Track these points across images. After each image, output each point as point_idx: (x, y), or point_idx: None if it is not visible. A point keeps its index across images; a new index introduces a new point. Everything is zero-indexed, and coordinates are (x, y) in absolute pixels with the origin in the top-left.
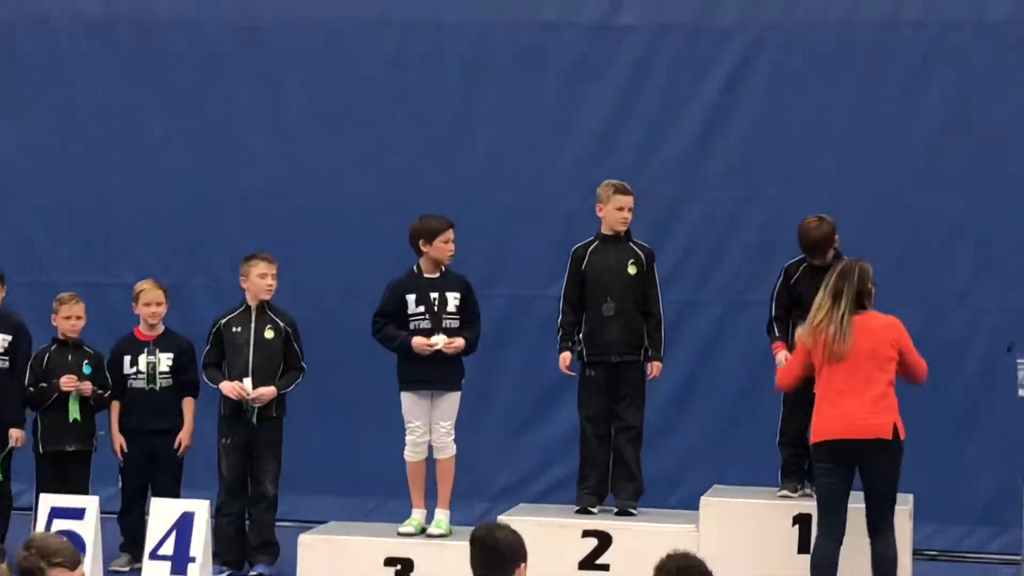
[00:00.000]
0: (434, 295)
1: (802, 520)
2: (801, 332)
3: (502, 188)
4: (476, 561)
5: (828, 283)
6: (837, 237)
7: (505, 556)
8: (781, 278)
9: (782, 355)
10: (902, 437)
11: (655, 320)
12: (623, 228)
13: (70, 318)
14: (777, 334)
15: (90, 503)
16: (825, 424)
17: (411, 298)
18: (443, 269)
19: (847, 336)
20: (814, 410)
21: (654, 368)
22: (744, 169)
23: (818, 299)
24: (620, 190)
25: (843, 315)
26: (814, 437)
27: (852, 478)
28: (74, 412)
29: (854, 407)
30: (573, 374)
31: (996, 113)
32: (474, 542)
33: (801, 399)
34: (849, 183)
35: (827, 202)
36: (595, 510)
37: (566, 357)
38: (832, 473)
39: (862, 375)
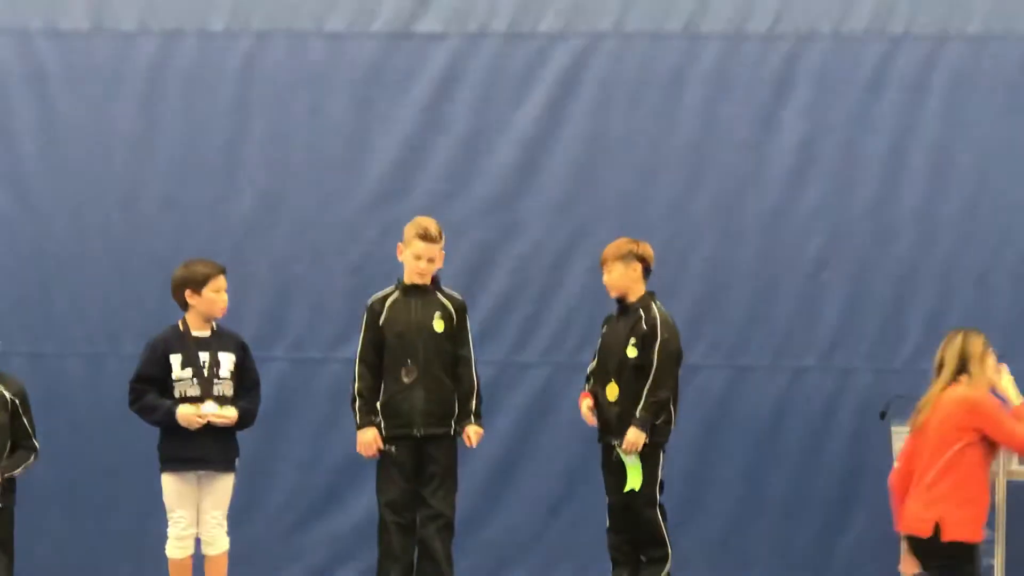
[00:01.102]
0: (204, 356)
1: None
2: None
3: (280, 228)
4: None
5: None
6: (638, 268)
7: None
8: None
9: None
10: (955, 538)
11: (467, 386)
12: (421, 281)
13: None
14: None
15: None
16: None
17: (176, 359)
18: (214, 326)
19: (925, 408)
20: None
21: (472, 435)
22: (572, 202)
23: None
24: (422, 236)
25: (936, 386)
26: None
27: None
28: None
29: (912, 494)
30: (373, 456)
31: (860, 136)
32: None
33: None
34: (691, 220)
35: (664, 246)
36: None
37: (369, 435)
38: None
39: (926, 456)
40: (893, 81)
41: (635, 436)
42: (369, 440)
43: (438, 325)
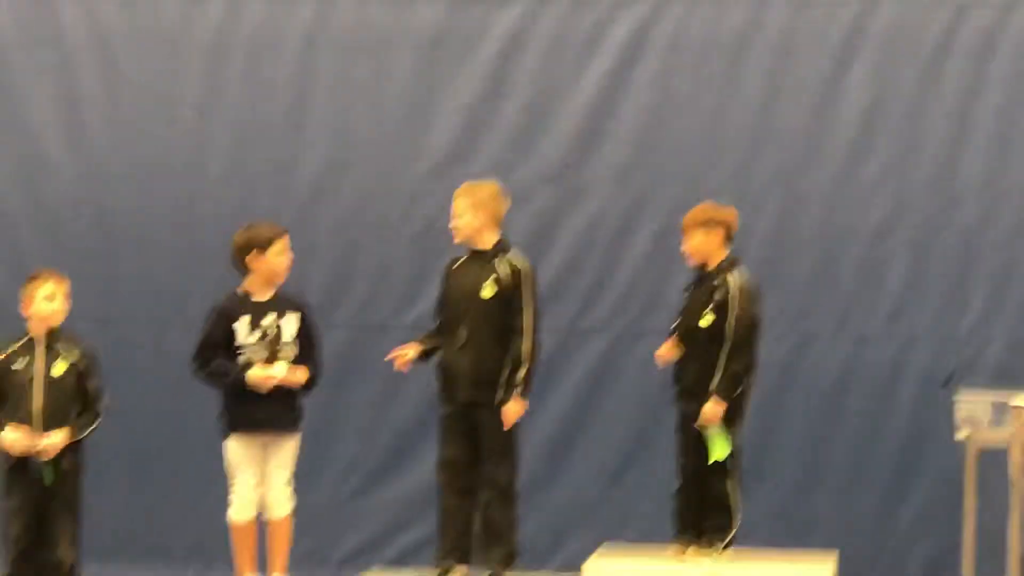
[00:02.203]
0: (268, 320)
1: None
2: None
3: (343, 195)
4: None
5: None
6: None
7: None
8: None
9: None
10: None
11: (514, 358)
12: (457, 240)
13: None
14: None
15: None
16: None
17: (241, 325)
18: (276, 290)
19: None
20: None
21: (507, 414)
22: (635, 168)
23: None
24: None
25: None
26: None
27: None
28: None
29: None
30: (395, 364)
31: (926, 104)
32: None
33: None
34: (755, 187)
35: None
36: (457, 572)
37: (410, 346)
38: None
39: None
40: (959, 47)
41: (713, 408)
42: (399, 350)
43: (487, 291)
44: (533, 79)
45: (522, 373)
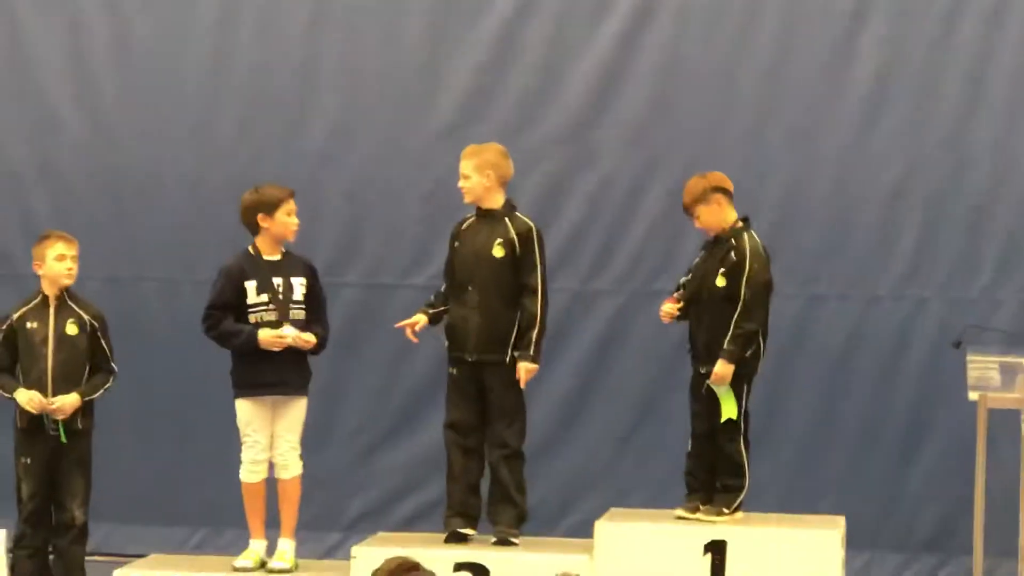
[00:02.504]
0: (278, 281)
1: (715, 548)
2: None
3: (353, 155)
4: None
5: None
6: (720, 200)
7: None
8: None
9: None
10: None
11: (527, 317)
12: (469, 202)
13: None
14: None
15: None
16: None
17: (251, 285)
18: (283, 250)
19: None
20: None
21: (522, 372)
22: (646, 131)
23: None
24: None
25: None
26: None
27: None
28: None
29: None
30: (408, 335)
31: (937, 67)
32: None
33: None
34: (766, 150)
35: (739, 176)
36: (468, 533)
37: (416, 318)
38: None
39: None
40: (971, 9)
41: (723, 368)
42: (409, 320)
43: (498, 251)
44: (543, 41)
45: (535, 333)
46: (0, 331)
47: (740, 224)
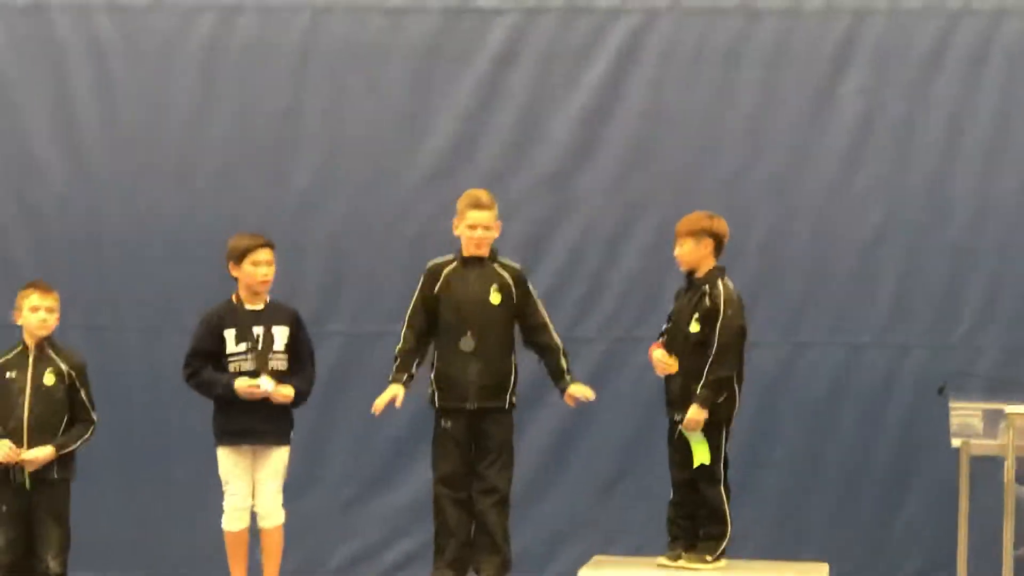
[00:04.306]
0: (257, 330)
1: None
2: None
3: (337, 202)
4: None
5: None
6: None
7: None
8: None
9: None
10: None
11: (552, 348)
12: (478, 252)
13: None
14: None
15: None
16: None
17: (230, 334)
18: (267, 299)
19: None
20: None
21: (579, 394)
22: (628, 178)
23: None
24: (474, 204)
25: None
26: None
27: None
28: None
29: None
30: (377, 413)
31: (918, 114)
32: None
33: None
34: (747, 196)
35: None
36: None
37: (387, 393)
38: None
39: None
40: (950, 58)
41: (696, 414)
42: (384, 399)
43: (495, 298)
44: (526, 89)
45: (567, 360)
46: None
47: (715, 271)
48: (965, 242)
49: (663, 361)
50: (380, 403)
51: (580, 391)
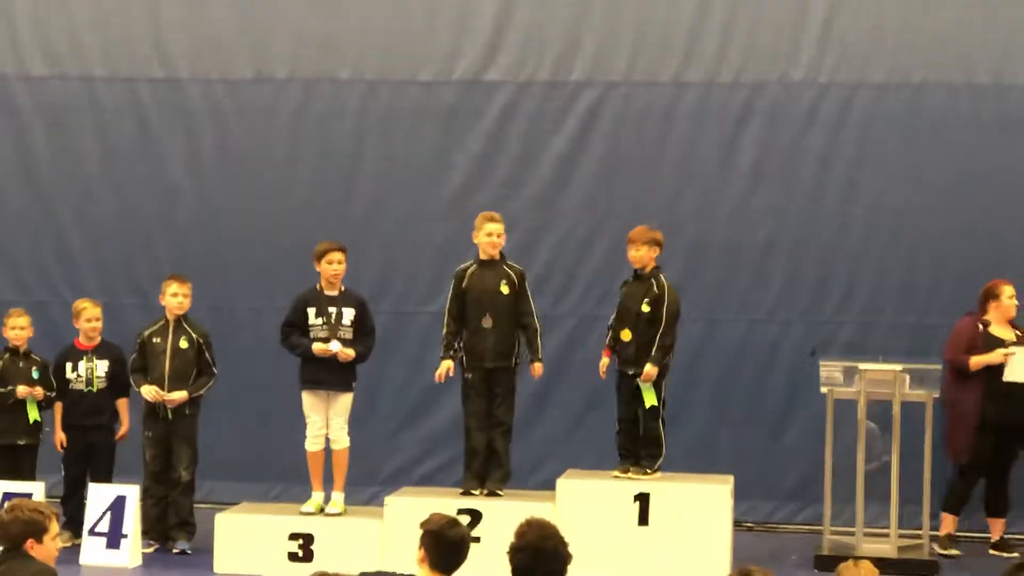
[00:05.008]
0: (332, 309)
1: (642, 498)
2: None
3: (389, 219)
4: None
5: None
6: (655, 249)
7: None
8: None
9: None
10: None
11: (532, 330)
12: (493, 252)
13: (15, 328)
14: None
15: (37, 488)
16: None
17: (312, 311)
18: (342, 288)
19: None
20: None
21: (536, 369)
22: (593, 202)
23: None
24: (489, 219)
25: None
26: None
27: None
28: (33, 414)
29: None
30: (442, 381)
31: (797, 157)
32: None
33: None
34: (678, 216)
35: (662, 228)
36: (477, 492)
37: (443, 367)
38: None
39: None
40: (820, 118)
41: (651, 370)
42: (442, 370)
43: (504, 288)
44: (520, 138)
45: (539, 342)
46: (136, 344)
47: (656, 268)
48: (831, 248)
49: (603, 370)
50: (440, 374)
51: (538, 371)
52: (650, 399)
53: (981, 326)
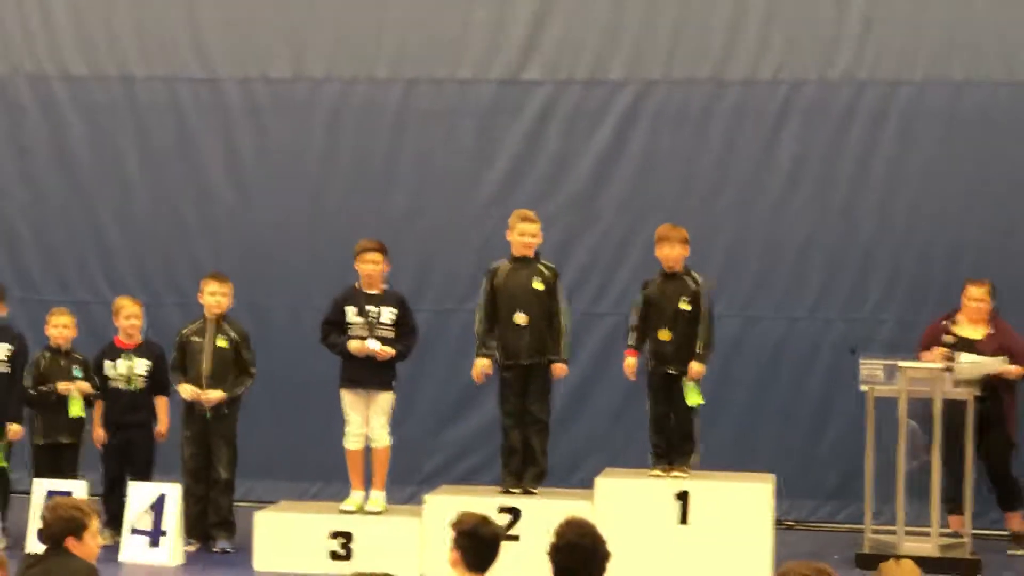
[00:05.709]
0: (371, 308)
1: (682, 496)
2: None
3: (428, 218)
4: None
5: None
6: (687, 250)
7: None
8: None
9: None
10: None
11: (558, 330)
12: (527, 252)
13: (57, 327)
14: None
15: (79, 486)
16: None
17: (351, 310)
18: (383, 287)
19: None
20: None
21: (556, 370)
22: (631, 201)
23: None
24: (523, 219)
25: None
26: None
27: None
28: (76, 411)
29: None
30: (482, 381)
31: (836, 158)
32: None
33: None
34: (717, 214)
35: (697, 232)
36: (516, 490)
37: (480, 365)
38: None
39: None
40: (860, 115)
41: (700, 367)
42: (479, 369)
43: (538, 286)
44: (559, 137)
45: (564, 341)
46: (176, 343)
47: (687, 266)
48: (871, 247)
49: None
50: (477, 374)
51: (559, 372)
52: (695, 398)
53: (946, 323)
